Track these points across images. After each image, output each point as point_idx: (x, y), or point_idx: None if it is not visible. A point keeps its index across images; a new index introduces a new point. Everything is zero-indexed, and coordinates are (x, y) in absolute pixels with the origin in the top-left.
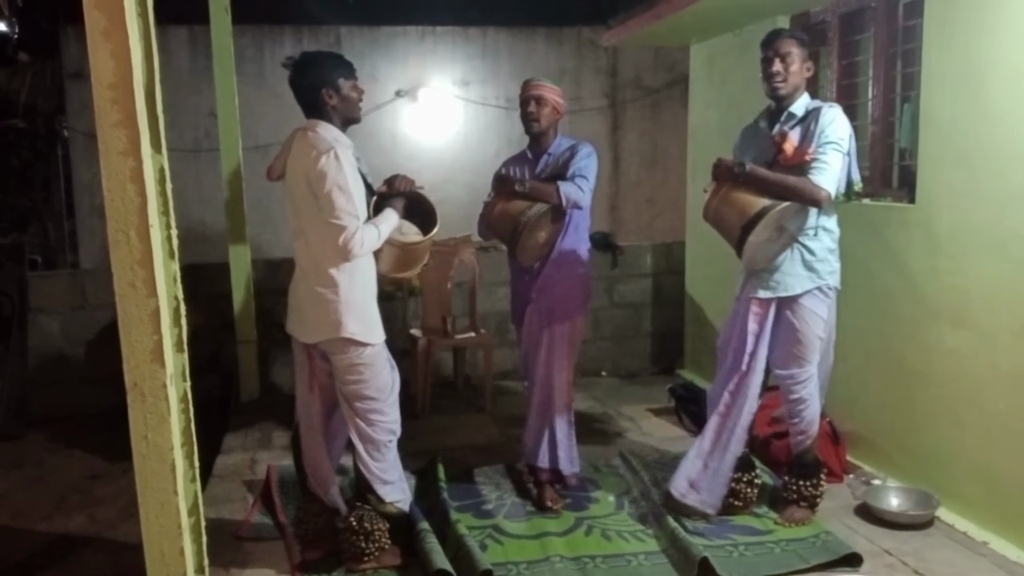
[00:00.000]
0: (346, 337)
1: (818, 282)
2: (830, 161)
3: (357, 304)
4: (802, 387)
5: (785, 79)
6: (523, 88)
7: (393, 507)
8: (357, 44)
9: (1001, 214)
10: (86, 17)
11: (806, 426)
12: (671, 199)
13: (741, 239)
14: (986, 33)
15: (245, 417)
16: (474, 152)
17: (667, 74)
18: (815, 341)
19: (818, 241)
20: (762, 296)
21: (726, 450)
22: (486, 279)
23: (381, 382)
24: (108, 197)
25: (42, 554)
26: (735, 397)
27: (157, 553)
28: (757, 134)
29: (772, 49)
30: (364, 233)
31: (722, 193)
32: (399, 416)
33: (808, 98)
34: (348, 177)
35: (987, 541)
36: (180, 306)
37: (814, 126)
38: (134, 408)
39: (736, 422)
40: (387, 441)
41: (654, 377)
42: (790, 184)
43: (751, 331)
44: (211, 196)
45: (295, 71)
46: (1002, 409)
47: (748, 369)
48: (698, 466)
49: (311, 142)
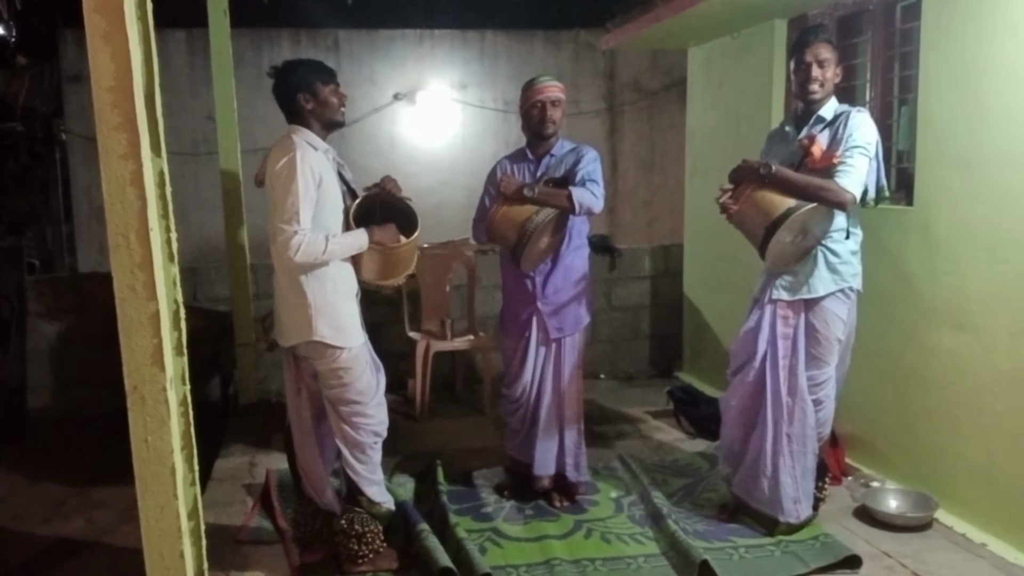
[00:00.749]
0: (317, 340)
1: (841, 284)
2: (856, 164)
3: (328, 307)
4: (820, 389)
5: (823, 84)
6: (532, 91)
7: (383, 508)
8: (355, 47)
9: (999, 216)
10: (86, 21)
11: (822, 427)
12: (669, 202)
13: (765, 240)
14: (984, 36)
15: (244, 421)
16: (472, 155)
17: (665, 77)
18: (835, 343)
19: (842, 244)
20: (787, 298)
21: (805, 456)
22: (484, 282)
23: (363, 384)
24: (108, 200)
25: (41, 558)
26: (793, 403)
27: (157, 557)
28: (784, 138)
29: (811, 54)
30: (307, 240)
31: (747, 194)
32: (385, 417)
33: (836, 102)
34: (302, 182)
35: (986, 543)
36: (180, 309)
37: (842, 130)
38: (134, 411)
39: (804, 425)
40: (372, 443)
41: (652, 380)
42: (816, 186)
43: (782, 335)
44: (209, 199)
45: (276, 79)
46: (1000, 411)
47: (791, 372)
48: (790, 483)
49: (281, 146)
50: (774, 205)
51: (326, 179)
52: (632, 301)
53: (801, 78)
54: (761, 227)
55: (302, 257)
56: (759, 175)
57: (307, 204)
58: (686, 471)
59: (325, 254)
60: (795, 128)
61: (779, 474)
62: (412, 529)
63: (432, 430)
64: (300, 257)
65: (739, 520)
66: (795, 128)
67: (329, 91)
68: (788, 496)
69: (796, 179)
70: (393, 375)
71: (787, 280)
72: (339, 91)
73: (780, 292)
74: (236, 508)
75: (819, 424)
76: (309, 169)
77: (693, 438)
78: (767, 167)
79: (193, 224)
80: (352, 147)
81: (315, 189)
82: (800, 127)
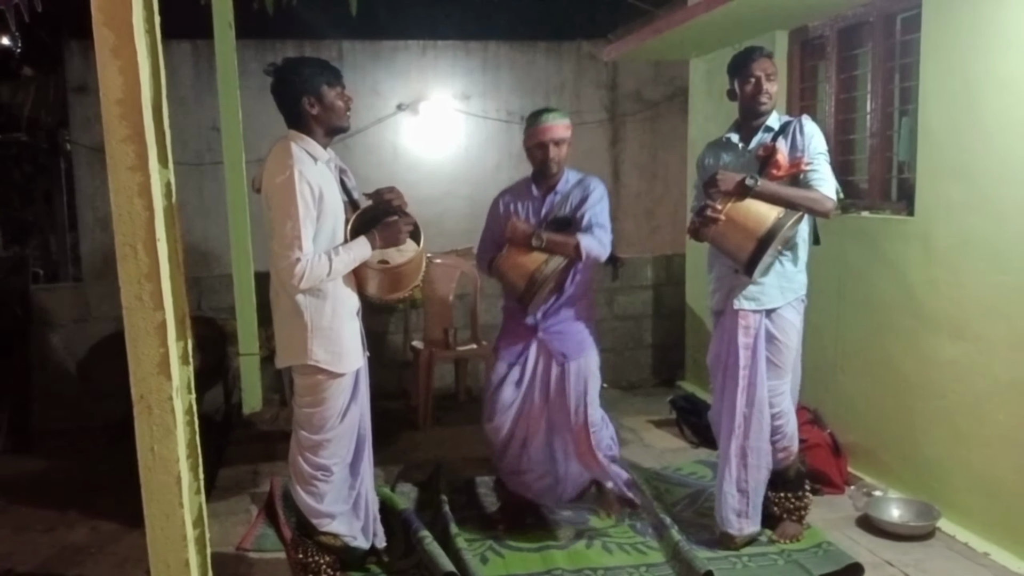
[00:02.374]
0: (312, 364)
1: (798, 293)
2: (825, 171)
3: (326, 330)
4: (782, 399)
5: (771, 96)
6: (535, 130)
7: (332, 539)
8: (359, 58)
9: (999, 226)
10: (95, 34)
11: (788, 442)
12: (671, 211)
13: (757, 253)
14: (983, 47)
15: (248, 430)
16: (475, 165)
17: (667, 88)
18: (792, 351)
19: (798, 252)
20: (750, 308)
21: (759, 469)
22: (487, 291)
23: (332, 412)
24: (116, 211)
25: (46, 566)
26: (750, 414)
27: (162, 565)
28: (730, 148)
29: (759, 68)
30: (311, 265)
31: (728, 208)
32: (345, 453)
33: (776, 111)
34: (301, 204)
35: (988, 552)
36: (186, 319)
37: (800, 137)
38: (140, 420)
39: (760, 439)
40: (320, 475)
41: (655, 389)
42: (803, 196)
43: (743, 344)
44: (214, 209)
45: (276, 78)
46: (1002, 420)
47: (749, 383)
48: (737, 496)
49: (278, 157)
50: (761, 217)
51: (327, 193)
52: (634, 310)
53: (752, 91)
54: (751, 240)
55: (307, 283)
56: (743, 188)
57: (308, 226)
58: (689, 480)
59: (331, 274)
60: (740, 137)
61: (724, 485)
62: (414, 536)
63: (434, 439)
64: (305, 284)
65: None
66: (740, 137)
67: (335, 94)
68: (731, 508)
69: (783, 190)
70: (396, 383)
71: (750, 290)
72: (345, 94)
73: (743, 302)
74: (240, 517)
75: (787, 439)
76: (307, 186)
77: (696, 447)
78: (752, 179)
79: (197, 234)
80: (355, 157)
81: (315, 206)
82: (749, 137)
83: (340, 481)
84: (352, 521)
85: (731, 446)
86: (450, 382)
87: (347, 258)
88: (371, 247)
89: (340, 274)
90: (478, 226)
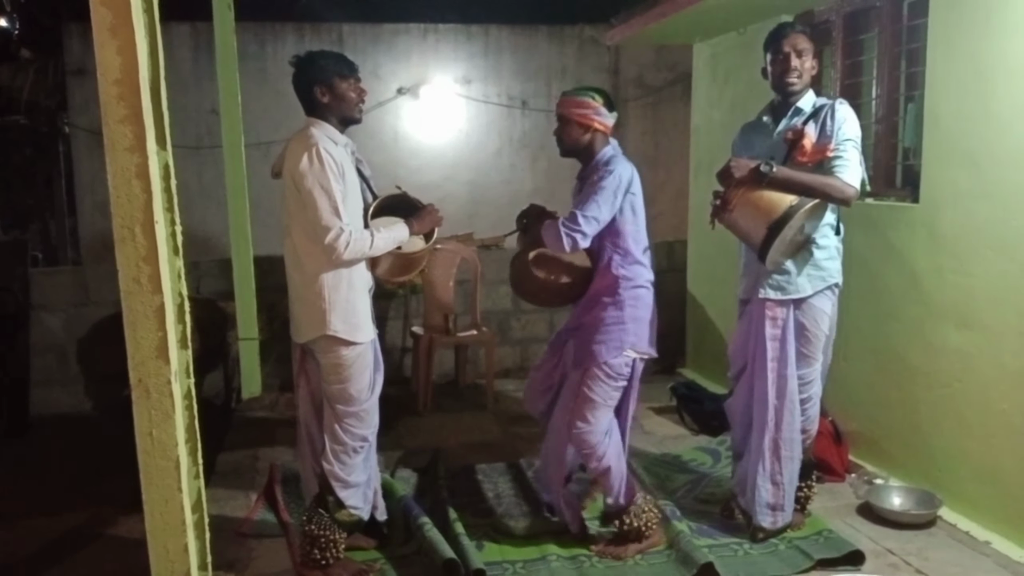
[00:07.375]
0: (330, 335)
1: (829, 281)
2: (852, 158)
3: (342, 302)
4: (810, 387)
5: (801, 75)
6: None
7: (349, 514)
8: (359, 41)
9: (1006, 213)
10: (92, 13)
11: (810, 424)
12: (673, 198)
13: (768, 239)
14: (991, 33)
15: (247, 414)
16: (476, 150)
17: (669, 73)
18: (823, 340)
19: (827, 239)
20: (776, 297)
21: (792, 460)
22: (488, 277)
23: (362, 384)
24: (114, 193)
25: (45, 551)
26: (781, 406)
27: (161, 550)
28: (762, 130)
29: (788, 44)
30: (354, 237)
31: (741, 193)
32: (376, 421)
33: (813, 94)
34: (331, 177)
35: (990, 541)
36: (184, 302)
37: (830, 122)
38: (139, 404)
39: (792, 429)
40: (358, 446)
41: (656, 376)
42: (820, 182)
43: (770, 336)
44: (213, 192)
45: (296, 69)
46: (1006, 409)
47: (779, 375)
48: (771, 489)
49: (300, 140)
50: (774, 203)
51: (348, 173)
52: None
53: (780, 69)
54: (763, 226)
55: (351, 254)
56: (758, 174)
57: (352, 201)
58: (689, 467)
59: (372, 249)
60: (773, 120)
61: (757, 479)
62: (414, 523)
63: (434, 425)
64: (349, 255)
65: (736, 517)
66: (773, 120)
67: (347, 86)
68: (765, 502)
69: (798, 176)
70: (396, 369)
71: (776, 279)
72: (358, 86)
73: (769, 291)
74: (240, 501)
75: (809, 421)
76: (333, 161)
77: (696, 434)
78: (768, 165)
79: (196, 217)
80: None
81: (341, 181)
82: (778, 119)
83: (368, 453)
84: (366, 492)
85: (764, 440)
86: (450, 368)
87: (388, 237)
88: (408, 233)
89: (379, 252)
90: (479, 211)
